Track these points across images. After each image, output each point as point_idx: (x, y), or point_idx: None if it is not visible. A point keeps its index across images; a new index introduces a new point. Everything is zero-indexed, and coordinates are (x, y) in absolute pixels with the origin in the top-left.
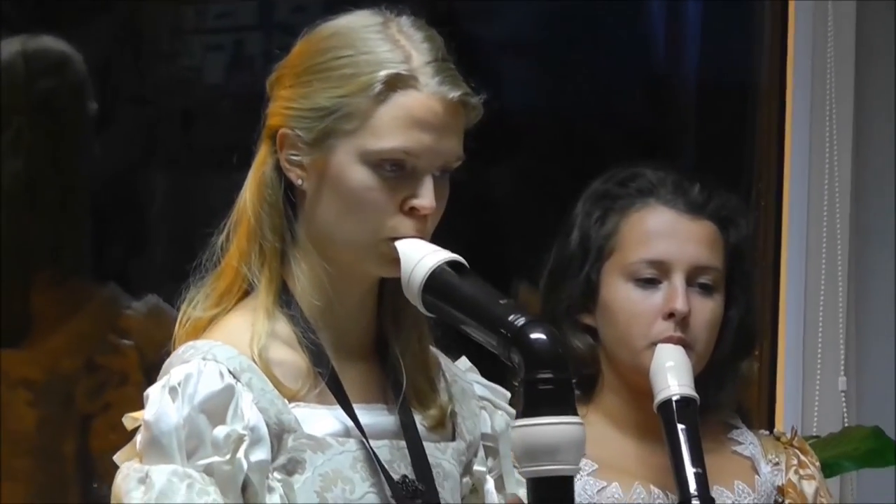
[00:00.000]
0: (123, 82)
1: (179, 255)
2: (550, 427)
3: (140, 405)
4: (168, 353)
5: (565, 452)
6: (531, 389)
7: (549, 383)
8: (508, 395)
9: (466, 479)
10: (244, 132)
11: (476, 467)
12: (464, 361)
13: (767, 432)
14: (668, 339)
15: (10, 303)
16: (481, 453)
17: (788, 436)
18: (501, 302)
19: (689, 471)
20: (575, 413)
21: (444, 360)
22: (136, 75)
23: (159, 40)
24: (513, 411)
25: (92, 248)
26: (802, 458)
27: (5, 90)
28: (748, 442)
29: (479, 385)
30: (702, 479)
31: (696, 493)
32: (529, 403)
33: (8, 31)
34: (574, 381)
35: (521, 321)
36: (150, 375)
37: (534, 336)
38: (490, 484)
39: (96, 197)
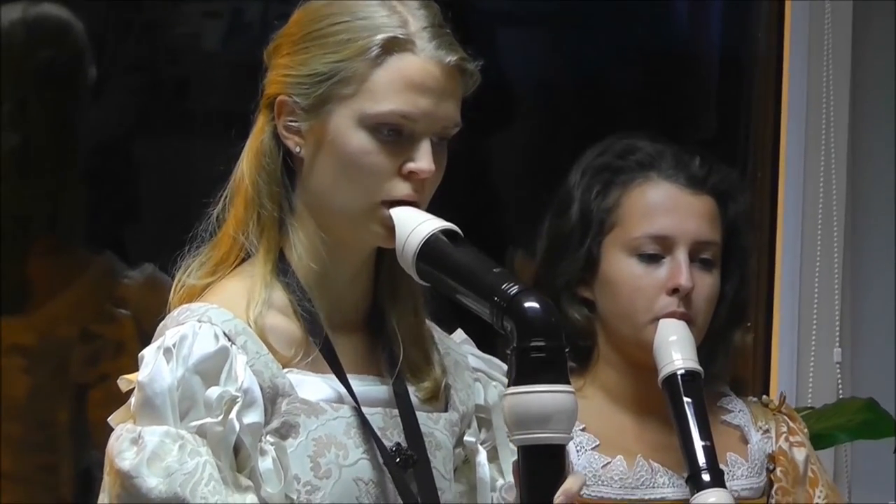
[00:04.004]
0: (121, 49)
1: (175, 224)
2: (542, 395)
3: None
4: (163, 320)
5: (557, 420)
6: (523, 357)
7: (541, 351)
8: (504, 366)
9: (458, 450)
10: (242, 100)
11: (467, 438)
12: (459, 333)
13: (755, 399)
14: (672, 315)
15: (7, 269)
16: (474, 425)
17: (776, 402)
18: (495, 270)
19: (698, 444)
20: (567, 381)
21: (437, 332)
22: (134, 42)
23: (157, 7)
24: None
25: (88, 216)
26: (792, 424)
27: (6, 58)
28: (737, 409)
29: (473, 357)
30: (710, 452)
31: (705, 466)
32: (521, 371)
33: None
34: (569, 350)
35: (514, 289)
36: (147, 345)
37: (527, 304)
38: (482, 455)
39: (92, 164)
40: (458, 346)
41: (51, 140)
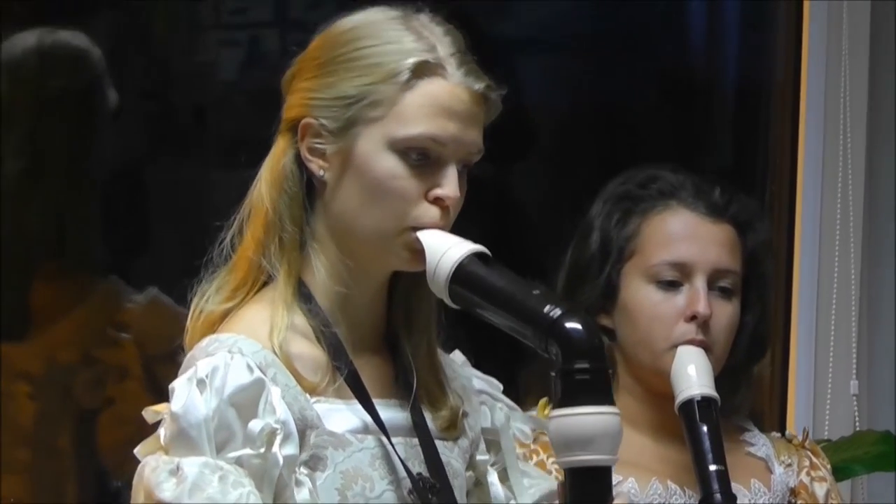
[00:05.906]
0: (136, 76)
1: (185, 251)
2: (588, 417)
3: (144, 400)
4: (179, 347)
5: (602, 442)
6: (568, 380)
7: (585, 373)
8: (501, 386)
9: (469, 473)
10: (256, 128)
11: (479, 457)
12: (457, 355)
13: (779, 434)
14: (690, 342)
15: (11, 295)
16: (482, 446)
17: (800, 438)
18: (535, 293)
19: (711, 468)
20: (612, 403)
21: (443, 357)
22: (150, 70)
23: (174, 35)
24: (510, 402)
25: (97, 241)
26: (814, 459)
27: (15, 87)
28: (761, 444)
29: (477, 379)
30: (723, 476)
31: (717, 490)
32: (567, 394)
33: (19, 26)
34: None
35: (556, 312)
36: (151, 369)
37: (570, 326)
38: (493, 476)
39: (105, 191)
40: (461, 368)
41: (58, 166)
